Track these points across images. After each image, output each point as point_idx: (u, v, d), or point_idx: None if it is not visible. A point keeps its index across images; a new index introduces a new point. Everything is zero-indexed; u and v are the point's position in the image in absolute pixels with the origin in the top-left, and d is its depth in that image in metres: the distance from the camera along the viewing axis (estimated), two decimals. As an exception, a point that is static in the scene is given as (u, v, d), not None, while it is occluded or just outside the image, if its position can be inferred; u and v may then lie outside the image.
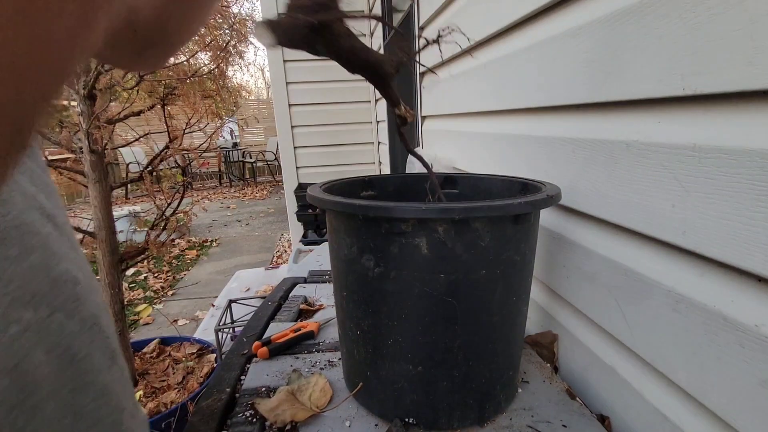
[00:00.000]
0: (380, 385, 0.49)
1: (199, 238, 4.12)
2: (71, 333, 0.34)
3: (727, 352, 0.38)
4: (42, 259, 0.33)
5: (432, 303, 0.43)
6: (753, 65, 0.33)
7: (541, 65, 0.64)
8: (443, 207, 0.39)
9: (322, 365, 0.61)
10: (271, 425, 0.49)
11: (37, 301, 0.32)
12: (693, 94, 0.39)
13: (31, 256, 0.32)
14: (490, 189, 0.62)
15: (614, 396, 0.54)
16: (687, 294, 0.42)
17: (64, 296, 0.34)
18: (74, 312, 0.35)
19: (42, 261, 0.33)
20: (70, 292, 0.35)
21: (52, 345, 0.32)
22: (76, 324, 0.35)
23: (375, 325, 0.47)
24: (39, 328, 0.31)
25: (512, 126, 0.77)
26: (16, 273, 0.30)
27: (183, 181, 3.89)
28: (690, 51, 0.39)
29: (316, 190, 0.49)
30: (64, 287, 0.35)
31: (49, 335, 0.32)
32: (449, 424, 0.48)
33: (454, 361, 0.46)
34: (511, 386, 0.52)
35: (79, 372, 0.35)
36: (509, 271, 0.45)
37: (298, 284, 0.97)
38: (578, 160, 0.57)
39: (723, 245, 0.37)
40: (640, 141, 0.46)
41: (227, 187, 7.62)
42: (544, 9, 0.62)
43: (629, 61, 0.46)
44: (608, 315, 0.53)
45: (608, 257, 0.53)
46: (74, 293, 0.36)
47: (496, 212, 0.40)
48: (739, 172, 0.35)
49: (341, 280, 0.49)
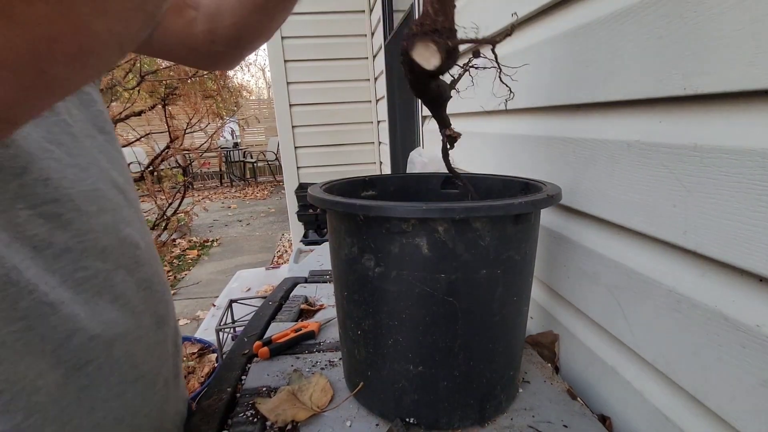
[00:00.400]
0: (381, 385, 0.49)
1: (200, 238, 4.13)
2: (130, 290, 0.39)
3: (728, 352, 0.38)
4: (113, 220, 0.38)
5: (432, 303, 0.43)
6: (754, 65, 0.33)
7: (541, 65, 0.64)
8: (444, 207, 0.39)
9: (322, 365, 0.61)
10: (272, 425, 0.49)
11: (106, 254, 0.36)
12: (694, 94, 0.39)
13: (105, 216, 0.37)
14: (490, 189, 0.62)
15: (615, 396, 0.54)
16: (688, 294, 0.42)
17: (127, 256, 0.39)
18: (134, 272, 0.40)
19: (112, 222, 0.38)
20: (132, 254, 0.40)
21: (115, 296, 0.37)
22: (134, 283, 0.40)
23: (375, 325, 0.47)
24: (105, 278, 0.36)
25: (513, 126, 0.77)
26: (92, 227, 0.35)
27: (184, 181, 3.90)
28: (691, 51, 0.38)
29: (317, 190, 0.49)
30: (128, 249, 0.39)
31: (113, 287, 0.37)
32: (450, 424, 0.48)
33: (454, 361, 0.46)
34: (512, 386, 0.52)
35: (137, 326, 0.39)
36: (510, 271, 0.45)
37: (299, 284, 0.97)
38: (579, 160, 0.57)
39: (724, 245, 0.37)
40: (641, 141, 0.46)
41: (228, 187, 7.63)
42: (545, 9, 0.62)
43: (630, 60, 0.46)
44: (609, 315, 0.53)
45: (609, 257, 0.52)
46: (135, 255, 0.40)
47: (497, 212, 0.40)
48: (740, 172, 0.35)
49: (342, 280, 0.49)
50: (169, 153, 3.56)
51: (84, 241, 0.34)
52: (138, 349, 0.39)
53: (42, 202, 0.31)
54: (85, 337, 0.33)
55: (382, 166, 2.86)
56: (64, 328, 0.32)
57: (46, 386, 0.31)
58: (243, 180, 7.93)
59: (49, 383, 0.31)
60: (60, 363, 0.32)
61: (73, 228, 0.33)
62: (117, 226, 0.38)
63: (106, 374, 0.35)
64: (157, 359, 0.41)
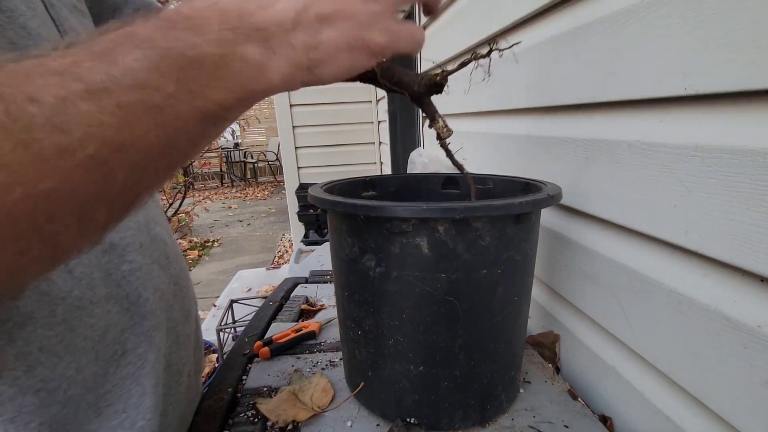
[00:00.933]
0: (381, 385, 0.49)
1: (201, 238, 4.13)
2: (164, 283, 0.41)
3: (730, 353, 0.38)
4: (144, 219, 0.40)
5: (433, 303, 0.43)
6: (755, 65, 0.33)
7: (542, 65, 0.64)
8: (444, 206, 0.39)
9: (323, 365, 0.61)
10: (273, 425, 0.49)
11: (144, 250, 0.38)
12: (695, 94, 0.39)
13: (138, 215, 0.39)
14: (491, 188, 0.62)
15: (616, 396, 0.54)
16: (689, 294, 0.41)
17: (159, 252, 0.41)
18: (166, 267, 0.42)
19: (144, 220, 0.40)
20: (162, 250, 0.42)
21: (155, 288, 0.39)
22: (167, 277, 0.42)
23: (376, 325, 0.47)
24: (146, 271, 0.38)
25: (513, 126, 0.77)
26: (129, 225, 0.37)
27: (184, 182, 3.91)
28: (692, 51, 0.38)
29: (318, 190, 0.49)
30: (159, 245, 0.41)
31: (153, 279, 0.39)
32: (451, 425, 0.48)
33: (455, 361, 0.46)
34: (512, 386, 0.52)
35: (169, 318, 0.41)
36: (510, 271, 0.45)
37: (300, 284, 0.97)
38: (580, 160, 0.57)
39: (725, 245, 0.37)
40: (641, 141, 0.46)
41: (229, 187, 7.63)
42: (545, 9, 0.62)
43: (630, 60, 0.46)
44: (610, 315, 0.53)
45: (610, 257, 0.52)
46: (165, 252, 0.42)
47: (497, 212, 0.40)
48: (741, 172, 0.35)
49: (342, 280, 0.49)
50: (170, 153, 3.55)
51: (125, 237, 0.36)
52: (170, 341, 0.41)
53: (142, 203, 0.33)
54: (117, 331, 0.35)
55: (382, 167, 2.86)
56: (99, 326, 0.33)
57: (84, 380, 0.32)
58: (243, 180, 7.93)
59: (86, 377, 0.33)
60: (98, 358, 0.33)
61: None
62: (148, 225, 0.40)
63: (153, 362, 0.37)
64: (184, 351, 0.43)
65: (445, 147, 0.45)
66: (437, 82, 0.42)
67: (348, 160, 2.92)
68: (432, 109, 0.44)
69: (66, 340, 0.31)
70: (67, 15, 0.35)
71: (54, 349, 0.30)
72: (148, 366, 0.37)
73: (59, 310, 0.30)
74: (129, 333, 0.36)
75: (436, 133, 0.44)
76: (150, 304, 0.38)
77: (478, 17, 0.89)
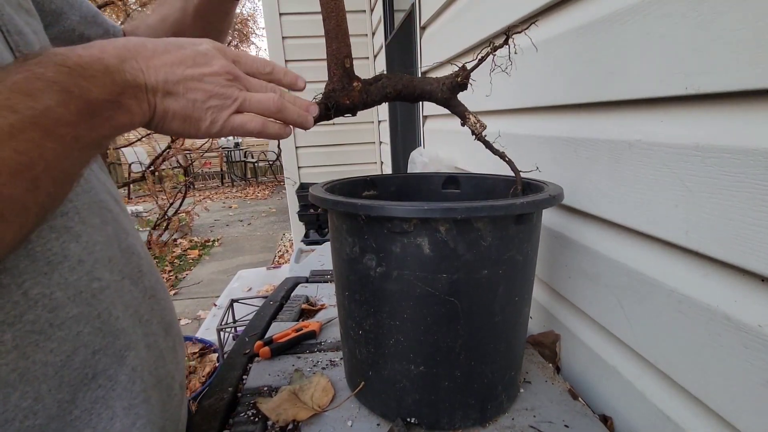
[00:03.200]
0: (382, 384, 0.49)
1: (201, 238, 4.13)
2: (136, 299, 0.39)
3: (730, 352, 0.38)
4: (115, 231, 0.39)
5: (434, 303, 0.43)
6: (756, 64, 0.33)
7: (543, 65, 0.64)
8: (445, 207, 0.39)
9: (323, 365, 0.61)
10: (273, 424, 0.49)
11: (113, 265, 0.37)
12: (696, 93, 0.39)
13: (108, 227, 0.38)
14: (493, 189, 0.62)
15: (616, 396, 0.54)
16: (690, 294, 0.41)
17: (131, 266, 0.40)
18: (138, 281, 0.40)
19: (115, 233, 0.38)
20: (135, 263, 0.40)
21: (125, 305, 0.37)
22: (140, 292, 0.40)
23: (377, 325, 0.47)
24: (115, 288, 0.36)
25: (514, 126, 0.77)
26: (98, 239, 0.36)
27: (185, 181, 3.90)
28: (693, 50, 0.38)
29: (318, 190, 0.49)
30: (131, 258, 0.40)
31: (123, 296, 0.37)
32: (451, 424, 0.48)
33: (456, 361, 0.46)
34: (513, 386, 0.52)
35: (146, 333, 0.40)
36: (511, 271, 0.45)
37: (300, 284, 0.97)
38: (581, 160, 0.57)
39: (726, 245, 0.37)
40: (642, 141, 0.46)
41: (229, 186, 7.63)
42: (546, 8, 0.62)
43: (632, 60, 0.46)
44: (610, 315, 0.53)
45: (610, 257, 0.52)
46: (138, 264, 0.41)
47: (498, 212, 0.40)
48: (742, 172, 0.35)
49: (343, 279, 0.49)
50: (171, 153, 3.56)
51: (93, 252, 0.35)
52: (151, 356, 0.39)
53: (51, 216, 0.31)
54: (88, 353, 0.33)
55: (383, 166, 2.86)
56: (62, 350, 0.31)
57: (45, 408, 0.30)
58: (244, 180, 7.93)
59: (48, 405, 0.30)
60: (63, 384, 0.31)
61: (83, 240, 0.34)
62: (119, 236, 0.39)
63: (125, 383, 0.35)
64: (170, 364, 0.42)
65: (482, 140, 0.46)
66: (460, 83, 0.43)
67: (348, 159, 2.92)
68: (461, 108, 0.45)
69: (19, 369, 0.29)
70: (11, 13, 0.34)
71: (5, 379, 0.28)
72: (119, 387, 0.35)
73: (6, 338, 0.28)
74: (101, 354, 0.34)
75: (470, 130, 0.45)
76: (120, 323, 0.36)
77: (475, 19, 0.89)
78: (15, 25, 0.33)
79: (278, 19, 2.67)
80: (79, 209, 0.34)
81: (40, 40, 0.36)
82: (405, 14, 1.76)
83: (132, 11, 4.32)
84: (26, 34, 0.34)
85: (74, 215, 0.33)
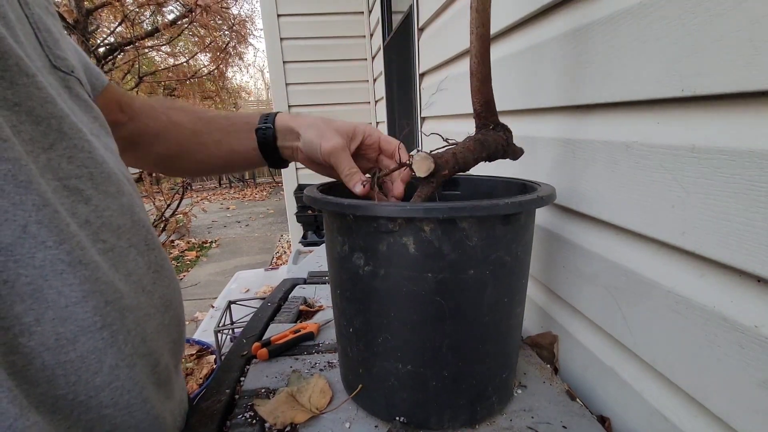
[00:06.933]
0: (372, 382, 0.49)
1: (199, 239, 4.12)
2: (140, 269, 0.40)
3: (727, 353, 0.38)
4: (129, 202, 0.40)
5: (420, 302, 0.44)
6: (752, 66, 0.33)
7: (540, 67, 0.64)
8: (427, 206, 0.39)
9: (321, 366, 0.61)
10: (271, 427, 0.49)
11: (121, 233, 0.38)
12: (692, 95, 0.39)
13: (122, 198, 0.39)
14: (491, 190, 0.62)
15: (614, 397, 0.54)
16: (686, 295, 0.42)
17: (138, 237, 0.41)
18: (145, 253, 0.42)
19: (128, 204, 0.40)
20: (143, 236, 0.42)
21: (128, 271, 0.39)
22: (145, 264, 0.41)
23: (366, 323, 0.47)
24: (119, 253, 0.38)
25: (513, 128, 0.77)
26: (111, 205, 0.37)
27: (182, 183, 3.89)
28: (689, 52, 0.39)
29: (312, 191, 0.50)
30: (141, 231, 0.41)
31: (127, 263, 0.39)
32: (440, 425, 0.48)
33: (443, 361, 0.46)
34: (505, 388, 0.51)
35: (146, 303, 0.41)
36: (499, 272, 0.45)
37: (298, 285, 0.97)
38: (578, 162, 0.57)
39: (722, 246, 0.37)
40: (639, 142, 0.46)
41: (227, 188, 7.62)
42: (543, 11, 0.62)
43: (628, 62, 0.46)
44: (608, 316, 0.53)
45: (607, 258, 0.53)
46: (146, 238, 0.42)
47: (482, 212, 0.40)
48: (738, 173, 0.35)
49: (336, 278, 0.50)
50: (168, 154, 3.54)
51: (102, 216, 0.36)
52: (148, 326, 0.40)
53: (66, 176, 0.34)
54: (101, 301, 0.34)
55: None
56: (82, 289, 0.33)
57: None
58: (242, 181, 7.92)
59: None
60: (69, 320, 0.33)
61: (92, 204, 0.36)
62: (132, 209, 0.40)
63: (120, 342, 0.36)
64: (162, 341, 0.43)
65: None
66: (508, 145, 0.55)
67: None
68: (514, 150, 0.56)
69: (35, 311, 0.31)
70: (40, 13, 0.37)
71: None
72: (114, 346, 0.36)
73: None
74: (110, 308, 0.35)
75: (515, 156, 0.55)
76: (122, 285, 0.37)
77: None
78: (44, 23, 0.37)
79: (276, 20, 2.67)
80: (93, 176, 0.36)
81: (64, 40, 0.39)
82: (403, 15, 1.76)
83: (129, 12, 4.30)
84: (53, 32, 0.37)
85: (87, 180, 0.36)
